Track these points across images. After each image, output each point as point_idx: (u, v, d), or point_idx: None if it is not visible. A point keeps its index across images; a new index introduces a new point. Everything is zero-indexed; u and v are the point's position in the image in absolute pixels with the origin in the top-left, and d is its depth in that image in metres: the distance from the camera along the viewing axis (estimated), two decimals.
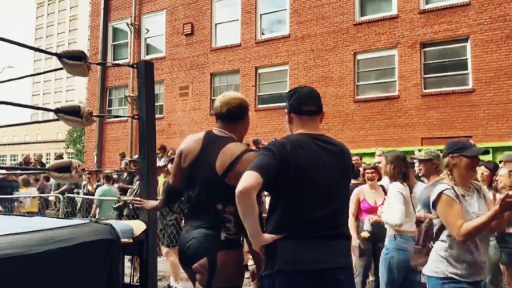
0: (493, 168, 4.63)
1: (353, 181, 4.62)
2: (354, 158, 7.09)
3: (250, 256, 6.77)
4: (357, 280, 4.69)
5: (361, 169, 6.33)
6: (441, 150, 4.92)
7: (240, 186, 1.89)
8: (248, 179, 1.90)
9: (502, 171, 4.28)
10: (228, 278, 2.19)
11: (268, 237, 2.00)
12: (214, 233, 2.20)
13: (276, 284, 1.96)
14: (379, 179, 5.06)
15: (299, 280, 1.94)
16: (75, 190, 9.06)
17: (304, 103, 2.17)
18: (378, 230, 4.47)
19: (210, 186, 2.24)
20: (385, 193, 4.62)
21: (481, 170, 4.58)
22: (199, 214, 2.27)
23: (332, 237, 2.02)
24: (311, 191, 2.02)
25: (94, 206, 7.20)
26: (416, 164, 4.07)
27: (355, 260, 4.78)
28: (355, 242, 4.56)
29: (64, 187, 9.03)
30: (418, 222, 3.33)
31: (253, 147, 8.76)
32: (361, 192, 4.78)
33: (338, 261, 2.00)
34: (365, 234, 4.56)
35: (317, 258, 1.95)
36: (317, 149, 2.07)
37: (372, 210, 4.57)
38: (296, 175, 2.00)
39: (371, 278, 4.94)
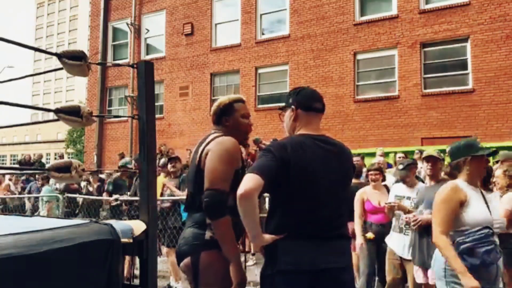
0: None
1: (354, 181, 4.62)
2: (355, 158, 7.10)
3: (251, 256, 6.78)
4: (362, 280, 4.68)
5: (364, 169, 6.32)
6: (441, 150, 4.94)
7: (241, 189, 1.89)
8: (249, 181, 1.90)
9: (498, 172, 4.25)
10: (213, 279, 2.16)
11: (268, 237, 2.01)
12: (200, 232, 2.21)
13: (277, 284, 1.97)
14: (383, 179, 5.07)
15: (298, 281, 1.94)
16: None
17: (314, 99, 2.18)
18: (383, 230, 4.48)
19: (194, 180, 2.30)
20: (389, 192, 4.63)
21: None
22: (191, 213, 2.33)
23: (333, 238, 2.02)
24: (311, 192, 2.02)
25: (41, 204, 7.37)
26: (420, 161, 4.03)
27: (360, 261, 4.78)
28: (360, 240, 4.56)
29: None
30: None
31: (254, 147, 8.75)
32: (365, 193, 4.77)
33: (338, 261, 2.00)
34: (370, 235, 4.56)
35: (317, 259, 1.96)
36: (318, 150, 2.07)
37: (377, 210, 4.57)
38: (297, 176, 2.00)
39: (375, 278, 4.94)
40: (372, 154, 8.76)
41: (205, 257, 2.15)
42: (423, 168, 4.31)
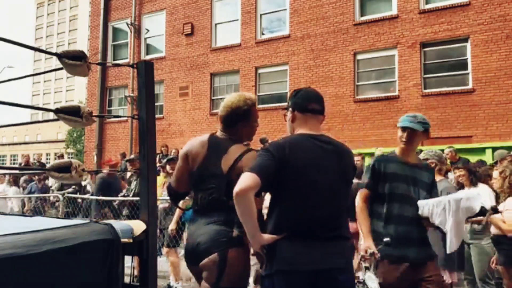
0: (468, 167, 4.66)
1: (355, 181, 4.61)
2: (355, 158, 7.10)
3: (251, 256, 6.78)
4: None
5: (365, 169, 6.32)
6: (442, 150, 4.95)
7: (237, 187, 1.91)
8: (246, 180, 1.92)
9: (495, 173, 4.27)
10: (236, 277, 2.18)
11: (267, 237, 2.01)
12: (226, 229, 2.21)
13: (275, 284, 1.97)
14: None
15: (297, 281, 1.95)
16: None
17: (310, 101, 2.19)
18: None
19: (219, 184, 2.28)
20: None
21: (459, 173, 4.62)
22: (210, 212, 2.28)
23: (331, 238, 2.02)
24: (309, 191, 2.02)
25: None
26: None
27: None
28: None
29: (69, 190, 8.98)
30: None
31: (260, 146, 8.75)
32: None
33: (337, 262, 2.00)
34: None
35: (316, 259, 1.96)
36: (316, 150, 2.07)
37: None
38: (294, 176, 2.01)
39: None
40: (372, 154, 8.75)
41: (232, 254, 2.17)
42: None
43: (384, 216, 2.79)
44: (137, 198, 5.32)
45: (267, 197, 2.26)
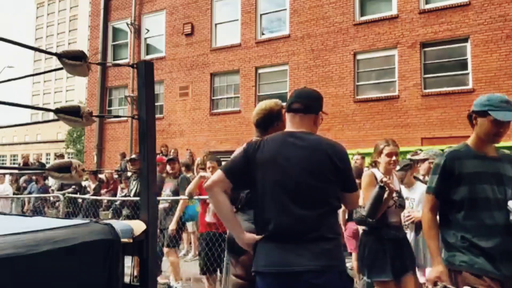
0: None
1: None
2: (355, 157, 7.14)
3: None
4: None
5: (366, 169, 6.35)
6: (442, 150, 4.95)
7: (205, 183, 2.04)
8: (213, 177, 2.04)
9: None
10: None
11: (249, 236, 2.03)
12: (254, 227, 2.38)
13: (258, 284, 2.00)
14: None
15: (271, 282, 1.93)
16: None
17: (292, 100, 2.19)
18: None
19: None
20: None
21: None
22: (247, 210, 2.43)
23: (307, 240, 1.91)
24: (277, 190, 1.97)
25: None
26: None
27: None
28: None
29: (69, 190, 8.99)
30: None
31: None
32: None
33: (310, 264, 1.88)
34: None
35: (287, 261, 1.90)
36: (286, 147, 2.01)
37: None
38: (258, 173, 2.01)
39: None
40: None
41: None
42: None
43: (467, 227, 2.20)
44: (137, 198, 5.33)
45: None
